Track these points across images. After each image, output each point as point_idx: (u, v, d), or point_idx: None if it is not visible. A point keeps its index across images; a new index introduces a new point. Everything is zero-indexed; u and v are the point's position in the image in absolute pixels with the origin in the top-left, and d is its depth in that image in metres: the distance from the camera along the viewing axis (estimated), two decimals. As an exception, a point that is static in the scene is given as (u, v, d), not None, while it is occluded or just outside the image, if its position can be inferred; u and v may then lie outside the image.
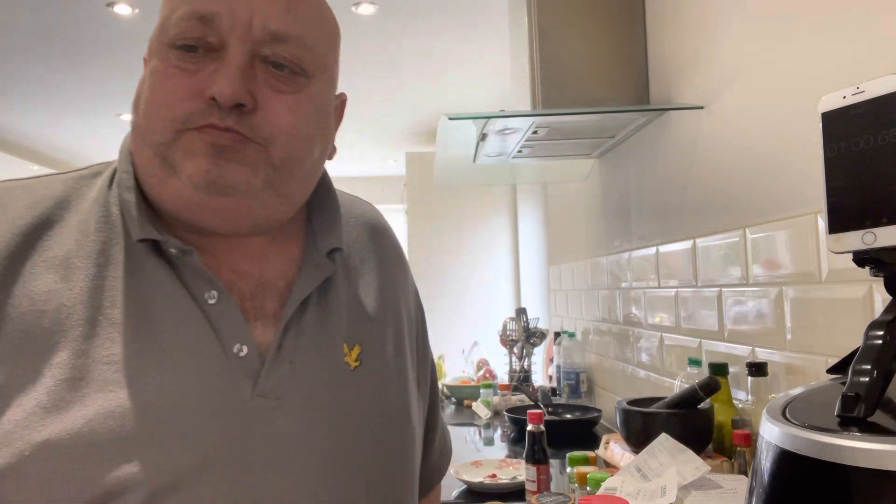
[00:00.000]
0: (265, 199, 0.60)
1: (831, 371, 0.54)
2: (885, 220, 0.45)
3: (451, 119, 1.61)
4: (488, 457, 1.73)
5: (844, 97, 0.48)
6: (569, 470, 1.30)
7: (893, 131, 0.45)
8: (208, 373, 0.57)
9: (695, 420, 1.23)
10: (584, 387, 2.43)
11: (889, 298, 0.48)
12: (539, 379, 2.99)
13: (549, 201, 3.25)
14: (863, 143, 0.46)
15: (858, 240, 0.46)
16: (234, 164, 0.57)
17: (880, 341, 0.44)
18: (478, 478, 1.54)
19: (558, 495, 1.21)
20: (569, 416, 2.14)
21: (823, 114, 0.49)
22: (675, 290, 1.63)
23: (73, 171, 0.66)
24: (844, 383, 0.44)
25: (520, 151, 2.04)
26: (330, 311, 0.65)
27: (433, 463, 0.85)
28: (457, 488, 1.51)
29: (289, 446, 0.58)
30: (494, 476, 1.56)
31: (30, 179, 0.64)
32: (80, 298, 0.56)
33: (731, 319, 1.35)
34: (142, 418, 0.53)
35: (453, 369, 3.31)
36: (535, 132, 1.81)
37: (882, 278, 0.48)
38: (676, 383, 1.45)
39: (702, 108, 1.47)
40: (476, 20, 2.99)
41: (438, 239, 4.63)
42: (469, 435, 2.15)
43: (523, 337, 2.78)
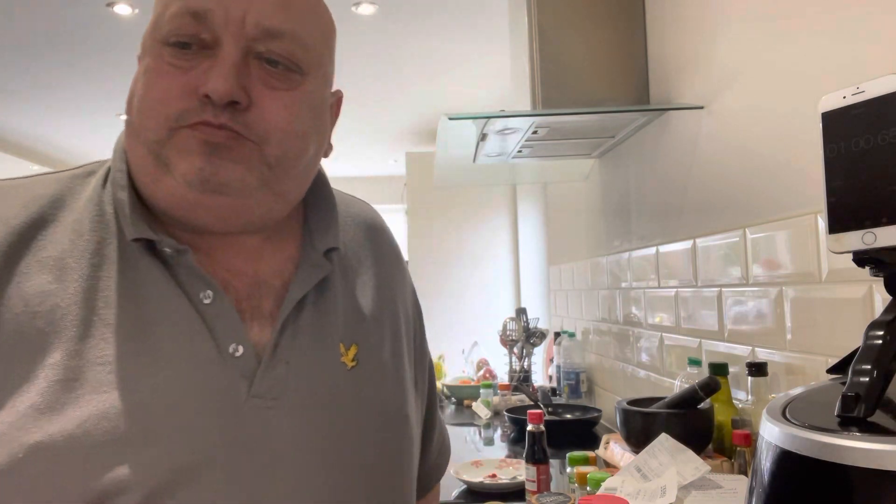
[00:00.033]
0: (260, 198, 0.60)
1: (831, 371, 0.54)
2: (885, 220, 0.45)
3: (451, 119, 1.61)
4: (488, 457, 1.73)
5: (844, 97, 0.48)
6: (569, 470, 1.30)
7: (893, 131, 0.45)
8: (203, 373, 0.56)
9: (695, 420, 1.23)
10: (584, 387, 2.43)
11: (889, 298, 0.48)
12: (539, 379, 2.99)
13: (549, 201, 3.25)
14: (863, 143, 0.46)
15: (858, 240, 0.46)
16: (227, 162, 0.57)
17: (880, 341, 0.44)
18: (478, 478, 1.54)
19: (558, 495, 1.21)
20: (569, 416, 2.14)
21: (823, 114, 0.49)
22: (675, 290, 1.63)
23: (68, 170, 0.65)
24: (844, 383, 0.44)
25: (520, 151, 2.04)
26: (327, 311, 0.65)
27: (432, 462, 0.85)
28: (457, 488, 1.51)
29: (285, 447, 0.57)
30: (494, 476, 1.56)
31: (23, 179, 0.63)
32: (75, 299, 0.56)
33: (731, 319, 1.35)
34: (136, 419, 0.53)
35: (453, 369, 3.31)
36: (535, 132, 1.81)
37: (882, 278, 0.48)
38: (676, 383, 1.45)
39: (702, 108, 1.47)
40: (476, 20, 2.99)
41: (438, 239, 4.63)
42: (469, 435, 2.15)
43: (523, 337, 2.78)
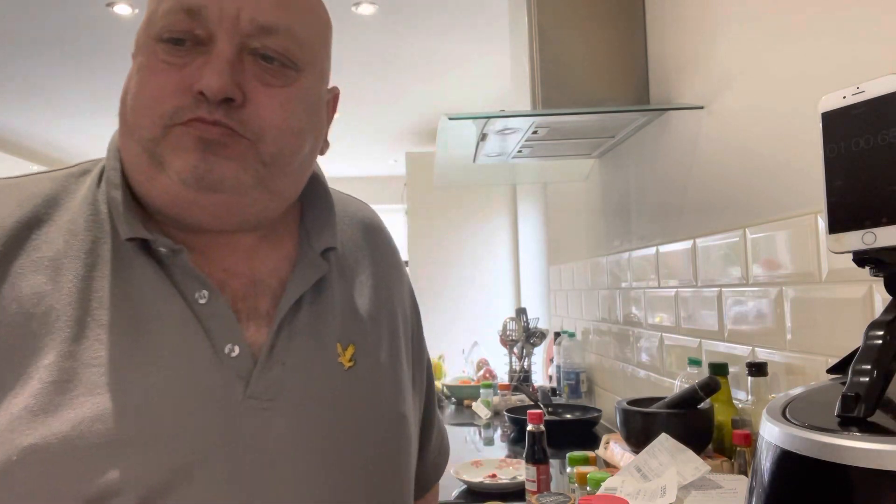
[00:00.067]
0: (255, 196, 0.60)
1: (831, 371, 0.54)
2: (885, 220, 0.45)
3: (451, 119, 1.61)
4: (488, 457, 1.73)
5: (844, 97, 0.48)
6: (569, 470, 1.30)
7: (893, 131, 0.45)
8: (199, 374, 0.56)
9: (695, 420, 1.23)
10: (584, 387, 2.43)
11: (889, 298, 0.48)
12: (539, 379, 2.99)
13: (549, 201, 3.25)
14: (863, 143, 0.46)
15: (858, 240, 0.46)
16: (222, 159, 0.56)
17: (880, 341, 0.44)
18: (478, 478, 1.54)
19: (558, 495, 1.21)
20: (569, 416, 2.14)
21: (823, 114, 0.49)
22: (675, 290, 1.63)
23: (62, 169, 0.65)
24: (844, 383, 0.44)
25: (520, 151, 2.04)
26: (324, 311, 0.65)
27: (431, 462, 0.84)
28: (457, 488, 1.51)
29: (282, 448, 0.57)
30: (494, 476, 1.56)
31: (17, 178, 0.63)
32: (69, 300, 0.55)
33: (731, 319, 1.35)
34: (130, 421, 0.52)
35: (453, 369, 3.31)
36: (535, 132, 1.81)
37: (882, 278, 0.48)
38: (676, 383, 1.45)
39: (702, 108, 1.47)
40: (476, 20, 2.99)
41: (438, 239, 4.63)
42: (469, 435, 2.15)
43: (523, 337, 2.78)
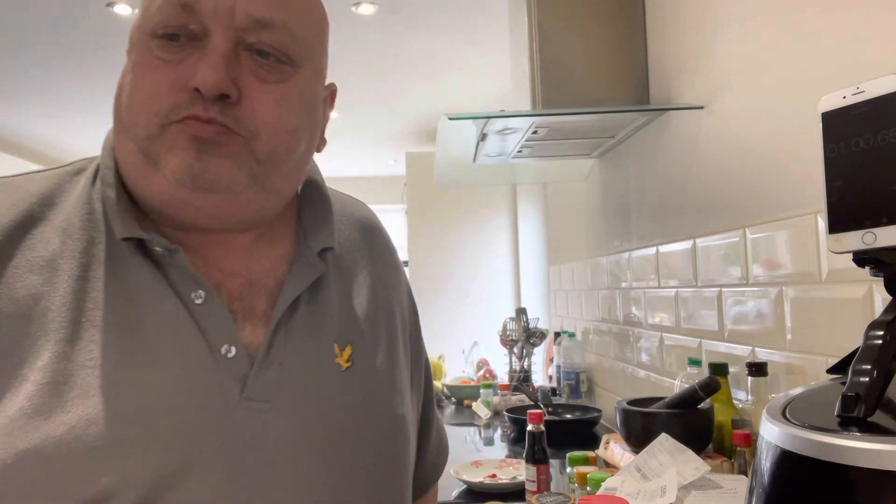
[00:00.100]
0: (251, 195, 0.59)
1: (831, 371, 0.54)
2: (885, 220, 0.45)
3: (451, 119, 1.61)
4: (488, 457, 1.73)
5: (844, 97, 0.48)
6: (569, 470, 1.30)
7: (893, 131, 0.45)
8: (195, 375, 0.55)
9: (695, 420, 1.23)
10: (584, 387, 2.43)
11: (889, 298, 0.47)
12: (539, 379, 2.99)
13: (549, 201, 3.25)
14: (863, 143, 0.46)
15: (858, 240, 0.46)
16: (217, 158, 0.56)
17: (880, 341, 0.44)
18: (478, 478, 1.54)
19: (558, 495, 1.21)
20: (569, 416, 2.14)
21: (823, 114, 0.49)
22: (675, 290, 1.63)
23: (57, 168, 0.64)
24: (844, 383, 0.44)
25: (520, 151, 2.04)
26: (321, 311, 0.64)
27: (429, 462, 0.84)
28: (457, 488, 1.51)
29: (279, 449, 0.57)
30: (494, 476, 1.56)
31: (12, 177, 0.62)
32: (64, 300, 0.55)
33: (731, 319, 1.35)
34: (126, 423, 0.52)
35: (453, 369, 3.31)
36: (535, 132, 1.81)
37: (882, 278, 0.48)
38: (676, 383, 1.45)
39: (702, 108, 1.47)
40: (476, 20, 2.99)
41: (438, 239, 4.63)
42: (469, 435, 2.15)
43: (523, 337, 2.78)
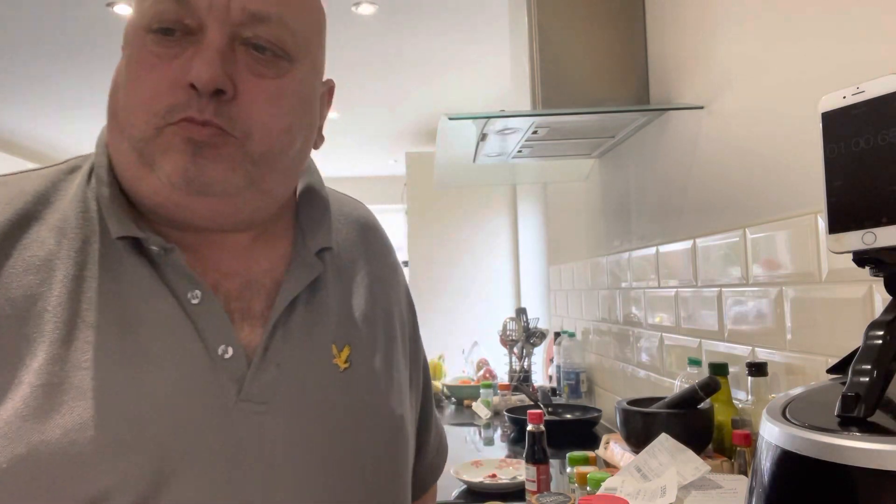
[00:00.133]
0: (246, 196, 0.59)
1: (831, 371, 0.54)
2: (885, 220, 0.45)
3: (451, 119, 1.61)
4: (488, 457, 1.73)
5: (844, 97, 0.48)
6: (569, 470, 1.30)
7: (893, 131, 0.45)
8: (191, 376, 0.55)
9: (695, 420, 1.23)
10: (584, 387, 2.43)
11: (889, 298, 0.48)
12: (539, 379, 2.99)
13: (549, 201, 3.25)
14: (863, 143, 0.46)
15: (858, 240, 0.46)
16: (211, 161, 0.55)
17: (880, 341, 0.44)
18: (478, 478, 1.54)
19: (558, 495, 1.21)
20: (569, 416, 2.14)
21: (823, 114, 0.49)
22: (675, 290, 1.63)
23: (52, 166, 0.64)
24: (844, 383, 0.44)
25: (520, 151, 2.04)
26: (319, 312, 0.64)
27: (429, 463, 0.84)
28: (457, 488, 1.51)
29: (277, 451, 0.56)
30: (494, 476, 1.56)
31: (7, 176, 0.62)
32: (59, 300, 0.54)
33: (731, 319, 1.35)
34: (122, 425, 0.51)
35: (453, 369, 3.31)
36: (535, 132, 1.81)
37: (882, 278, 0.48)
38: (676, 383, 1.45)
39: (702, 108, 1.47)
40: (476, 20, 2.99)
41: (438, 239, 4.63)
42: (469, 435, 2.15)
43: (523, 337, 2.78)
